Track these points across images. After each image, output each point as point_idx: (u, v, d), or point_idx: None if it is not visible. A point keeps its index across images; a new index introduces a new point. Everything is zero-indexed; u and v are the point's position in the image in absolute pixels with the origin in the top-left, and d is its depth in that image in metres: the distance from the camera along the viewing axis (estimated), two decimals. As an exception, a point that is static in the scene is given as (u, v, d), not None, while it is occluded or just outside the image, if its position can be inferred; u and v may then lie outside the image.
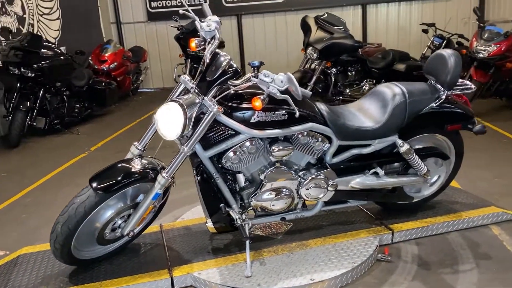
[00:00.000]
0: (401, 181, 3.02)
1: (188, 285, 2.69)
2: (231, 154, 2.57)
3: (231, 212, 2.71)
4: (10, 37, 6.41)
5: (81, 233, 2.56)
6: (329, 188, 2.86)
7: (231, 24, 9.89)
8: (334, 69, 6.79)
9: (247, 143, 2.57)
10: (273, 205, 2.79)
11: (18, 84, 5.86)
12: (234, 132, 2.54)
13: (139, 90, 9.51)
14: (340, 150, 2.89)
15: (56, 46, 7.35)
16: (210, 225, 2.79)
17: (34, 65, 5.85)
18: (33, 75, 5.84)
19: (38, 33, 7.55)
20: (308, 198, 2.86)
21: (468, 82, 3.04)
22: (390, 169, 3.06)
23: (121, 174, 2.54)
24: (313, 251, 2.85)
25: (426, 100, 2.86)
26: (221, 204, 2.69)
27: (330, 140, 2.79)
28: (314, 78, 6.55)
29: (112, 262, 2.83)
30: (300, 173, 2.83)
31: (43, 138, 6.46)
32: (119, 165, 2.62)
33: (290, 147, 2.66)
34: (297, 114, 2.50)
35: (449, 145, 3.17)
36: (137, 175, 2.57)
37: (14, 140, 5.85)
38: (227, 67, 2.47)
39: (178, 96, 2.62)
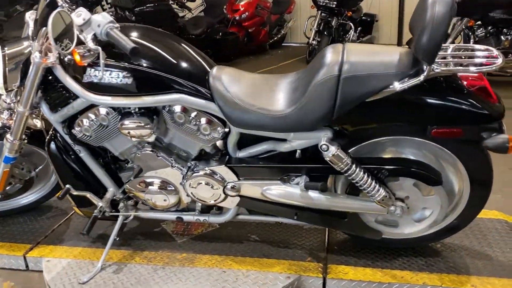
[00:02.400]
0: (339, 203, 1.92)
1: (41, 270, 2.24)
2: (80, 123, 1.96)
3: (88, 196, 2.11)
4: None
5: None
6: (228, 192, 1.98)
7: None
8: (480, 31, 5.09)
9: (97, 111, 1.91)
10: (149, 199, 2.09)
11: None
12: (74, 94, 1.90)
13: (283, 44, 8.94)
14: (248, 141, 1.96)
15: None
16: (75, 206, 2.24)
17: (135, 9, 5.88)
18: (133, 18, 5.89)
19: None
20: (196, 198, 2.05)
21: (493, 50, 1.68)
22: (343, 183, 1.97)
23: None
24: (194, 272, 2.07)
25: (384, 78, 1.66)
26: (67, 185, 2.11)
27: (226, 124, 1.90)
28: (449, 41, 5.03)
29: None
30: (189, 163, 2.02)
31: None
32: None
33: (148, 126, 1.88)
34: (100, 74, 1.76)
35: (456, 163, 1.86)
36: None
37: None
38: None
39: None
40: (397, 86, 1.64)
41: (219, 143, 2.01)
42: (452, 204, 1.96)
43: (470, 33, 5.09)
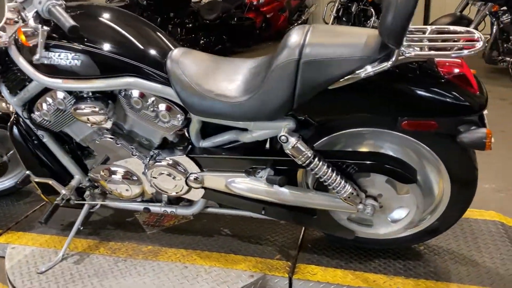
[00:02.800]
0: (304, 198, 1.77)
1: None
2: (39, 107, 1.88)
3: (51, 183, 2.04)
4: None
5: None
6: (191, 183, 1.87)
7: None
8: (505, 17, 4.78)
9: (54, 95, 1.82)
10: (112, 188, 2.00)
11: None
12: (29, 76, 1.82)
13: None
14: (213, 130, 1.83)
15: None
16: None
17: (146, -8, 5.81)
18: (144, 2, 5.81)
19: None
20: (159, 189, 1.94)
21: (474, 33, 1.50)
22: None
23: None
24: (156, 267, 1.97)
25: (348, 63, 1.49)
26: (27, 172, 2.04)
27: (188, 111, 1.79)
28: (472, 27, 4.73)
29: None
30: (152, 152, 1.91)
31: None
32: None
33: (103, 111, 1.78)
34: (38, 56, 1.64)
35: (434, 160, 1.68)
36: None
37: None
38: None
39: None
40: (362, 72, 1.48)
41: (183, 131, 1.89)
42: (432, 205, 1.79)
43: (494, 19, 4.76)
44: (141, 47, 1.75)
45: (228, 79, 1.72)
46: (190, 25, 6.48)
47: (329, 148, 1.75)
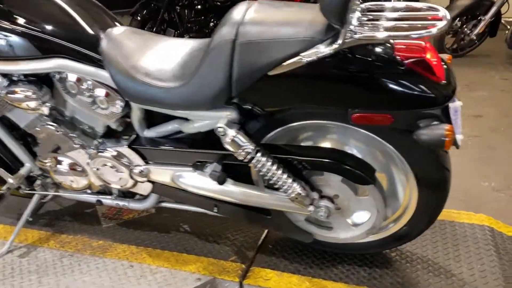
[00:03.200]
0: (252, 197, 1.59)
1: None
2: None
3: (-2, 172, 1.92)
4: None
5: None
6: (135, 176, 1.71)
7: None
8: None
9: None
10: (59, 179, 1.88)
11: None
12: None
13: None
14: (158, 118, 1.67)
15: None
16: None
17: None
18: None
19: None
20: (104, 181, 1.80)
21: (439, 10, 1.27)
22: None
23: None
24: (101, 264, 1.84)
25: (288, 46, 1.29)
26: None
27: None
28: (495, 8, 4.43)
29: None
30: (96, 141, 1.76)
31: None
32: None
33: (35, 96, 1.64)
34: None
35: (397, 159, 1.47)
36: None
37: None
38: None
39: None
40: (304, 56, 1.27)
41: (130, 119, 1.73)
42: (399, 209, 1.58)
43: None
44: (73, 25, 1.59)
45: (168, 62, 1.54)
46: (199, 6, 6.27)
47: (280, 143, 1.56)
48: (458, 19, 4.67)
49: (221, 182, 1.52)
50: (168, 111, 1.55)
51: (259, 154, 1.45)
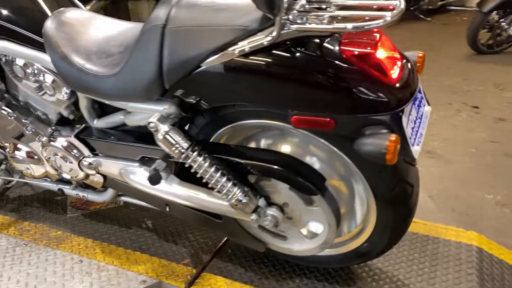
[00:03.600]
0: (195, 199, 1.45)
1: None
2: None
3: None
4: None
5: None
6: (84, 168, 1.62)
7: None
8: None
9: None
10: (17, 166, 1.82)
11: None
12: None
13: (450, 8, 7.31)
14: (109, 108, 1.57)
15: None
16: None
17: None
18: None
19: None
20: (57, 171, 1.72)
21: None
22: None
23: None
24: (51, 256, 1.78)
25: (220, 35, 1.15)
26: None
27: (74, 84, 1.52)
28: None
29: None
30: (50, 129, 1.68)
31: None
32: None
33: None
34: None
35: (352, 168, 1.30)
36: None
37: None
38: None
39: None
40: (237, 47, 1.12)
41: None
42: (358, 224, 1.41)
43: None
44: (17, 5, 1.49)
45: (110, 47, 1.42)
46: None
47: (232, 143, 1.42)
48: (495, 12, 4.29)
49: (153, 182, 1.40)
50: (106, 101, 1.43)
51: (194, 154, 1.31)
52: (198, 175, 1.34)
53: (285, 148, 1.38)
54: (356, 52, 1.09)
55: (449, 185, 2.36)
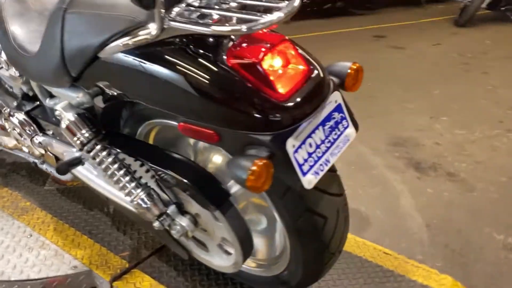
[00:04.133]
0: (111, 193, 1.39)
1: None
2: None
3: None
4: None
5: None
6: (34, 146, 1.64)
7: None
8: None
9: None
10: (-10, 136, 1.89)
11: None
12: None
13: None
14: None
15: None
16: None
17: None
18: None
19: None
20: (21, 144, 1.75)
21: None
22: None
23: None
24: (8, 227, 1.83)
25: (111, 24, 1.06)
26: None
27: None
28: None
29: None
30: (15, 102, 1.71)
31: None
32: None
33: None
34: None
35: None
36: None
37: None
38: None
39: None
40: (121, 41, 1.02)
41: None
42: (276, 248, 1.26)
43: None
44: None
45: (40, 26, 1.38)
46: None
47: (160, 142, 1.34)
48: None
49: (60, 172, 1.35)
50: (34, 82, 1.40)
51: (98, 147, 1.23)
52: (102, 170, 1.27)
53: (202, 157, 1.26)
54: (240, 60, 0.93)
55: (455, 215, 2.07)
